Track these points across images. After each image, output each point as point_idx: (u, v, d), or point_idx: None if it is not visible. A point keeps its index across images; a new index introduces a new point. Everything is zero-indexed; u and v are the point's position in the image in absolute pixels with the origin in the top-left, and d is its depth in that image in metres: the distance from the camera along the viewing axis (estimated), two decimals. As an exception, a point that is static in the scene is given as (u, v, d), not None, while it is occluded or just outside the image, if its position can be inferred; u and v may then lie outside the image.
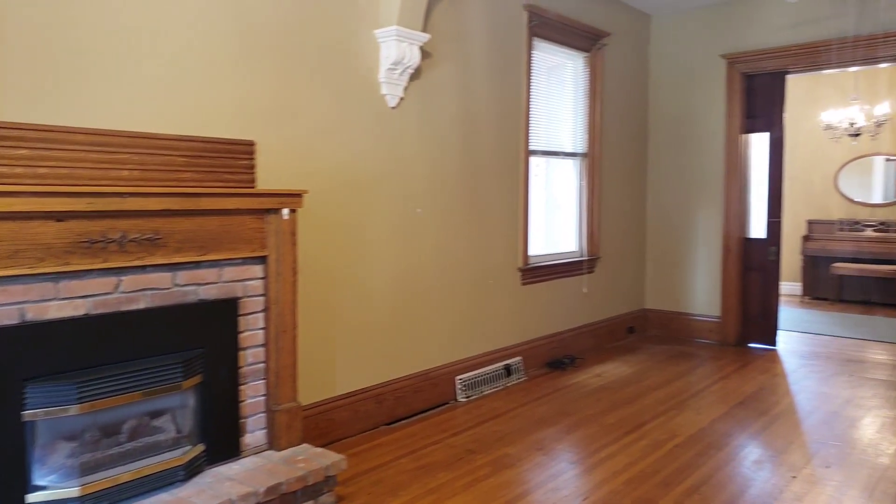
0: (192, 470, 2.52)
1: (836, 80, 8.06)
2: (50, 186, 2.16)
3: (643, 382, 4.69)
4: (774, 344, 5.78)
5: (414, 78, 3.85)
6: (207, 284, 2.60)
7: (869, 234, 8.03)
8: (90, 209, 2.20)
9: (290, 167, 3.23)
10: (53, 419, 2.19)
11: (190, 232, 2.51)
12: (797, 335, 6.27)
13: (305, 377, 3.24)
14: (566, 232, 5.52)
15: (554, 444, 3.55)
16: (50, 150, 2.23)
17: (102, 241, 2.25)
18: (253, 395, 2.79)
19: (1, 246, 2.04)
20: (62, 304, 2.19)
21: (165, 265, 2.46)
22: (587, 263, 5.52)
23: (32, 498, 2.16)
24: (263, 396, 2.83)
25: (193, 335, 2.57)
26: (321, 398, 3.45)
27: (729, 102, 5.77)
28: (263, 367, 2.82)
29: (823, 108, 8.17)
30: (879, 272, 7.73)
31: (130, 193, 2.29)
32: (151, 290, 2.43)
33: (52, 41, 2.43)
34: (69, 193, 2.15)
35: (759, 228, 5.86)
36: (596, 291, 5.67)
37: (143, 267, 2.40)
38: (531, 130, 4.85)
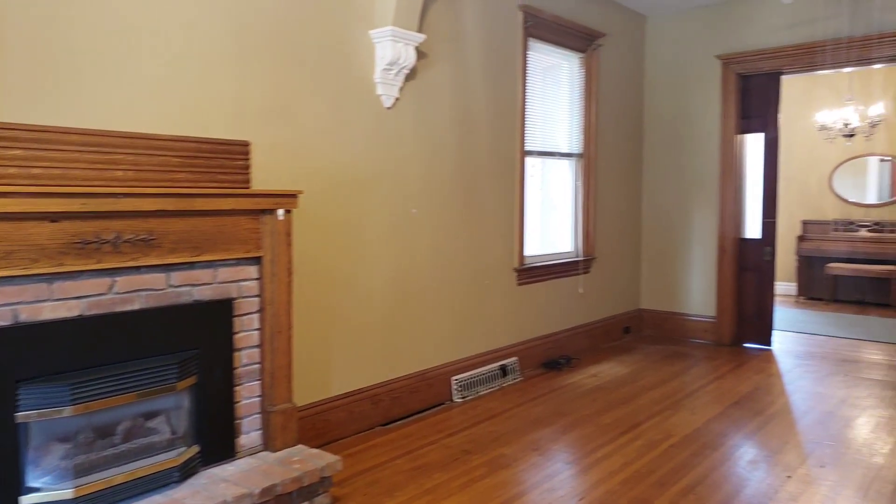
0: (186, 471, 2.51)
1: (830, 80, 8.08)
2: (44, 187, 2.16)
3: (639, 382, 4.70)
4: (769, 344, 5.79)
5: (409, 78, 3.85)
6: (202, 285, 2.60)
7: (863, 234, 8.06)
8: (84, 210, 2.19)
9: (285, 168, 3.23)
10: (47, 420, 2.18)
11: (184, 232, 2.50)
12: (792, 335, 6.29)
13: (301, 378, 3.24)
14: (562, 232, 5.52)
15: (550, 444, 3.55)
16: (44, 150, 2.23)
17: (96, 241, 2.25)
18: (248, 396, 2.78)
19: (-6, 247, 2.04)
20: (56, 304, 2.18)
21: (160, 266, 2.46)
22: (583, 264, 5.52)
23: (26, 500, 2.15)
24: (258, 397, 2.82)
25: (188, 336, 2.57)
26: (317, 399, 3.45)
27: (724, 103, 5.78)
28: (258, 367, 2.82)
29: (818, 108, 8.19)
30: (873, 272, 7.76)
31: (125, 194, 2.28)
32: (146, 290, 2.43)
33: (46, 41, 2.42)
34: (63, 194, 2.14)
35: (754, 229, 5.88)
36: (592, 292, 5.67)
37: (137, 268, 2.39)
38: (527, 131, 4.86)
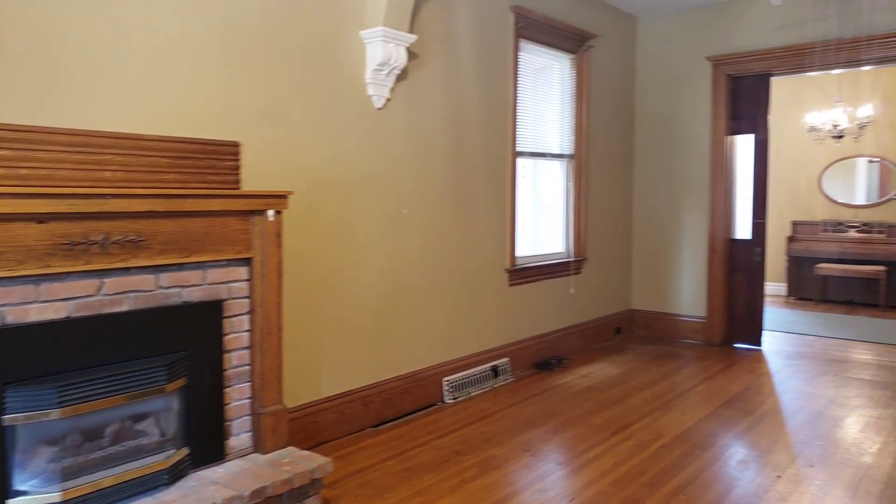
0: (176, 474, 2.50)
1: (819, 82, 8.14)
2: (31, 188, 2.13)
3: (630, 383, 4.71)
4: (759, 344, 5.82)
5: (400, 79, 3.84)
6: (191, 286, 2.58)
7: (852, 234, 8.11)
8: (72, 210, 2.17)
9: (275, 168, 3.21)
10: (34, 423, 2.16)
11: (173, 233, 2.49)
12: (782, 335, 6.32)
13: (291, 379, 3.23)
14: (553, 233, 5.53)
15: (541, 444, 3.55)
16: (31, 150, 2.21)
17: (84, 242, 2.23)
18: (238, 397, 2.77)
19: (-20, 248, 2.02)
20: (43, 306, 2.16)
21: (149, 267, 2.44)
22: (574, 264, 5.53)
23: (13, 503, 2.13)
24: (248, 399, 2.81)
25: (177, 338, 2.55)
26: (307, 400, 3.43)
27: (714, 104, 5.81)
28: (248, 369, 2.80)
29: (807, 110, 8.24)
30: (862, 272, 7.82)
31: (113, 195, 2.27)
32: (134, 292, 2.41)
33: (33, 42, 2.40)
34: (50, 195, 2.12)
35: (744, 229, 5.91)
36: (583, 292, 5.68)
37: (126, 269, 2.37)
38: (518, 132, 4.86)
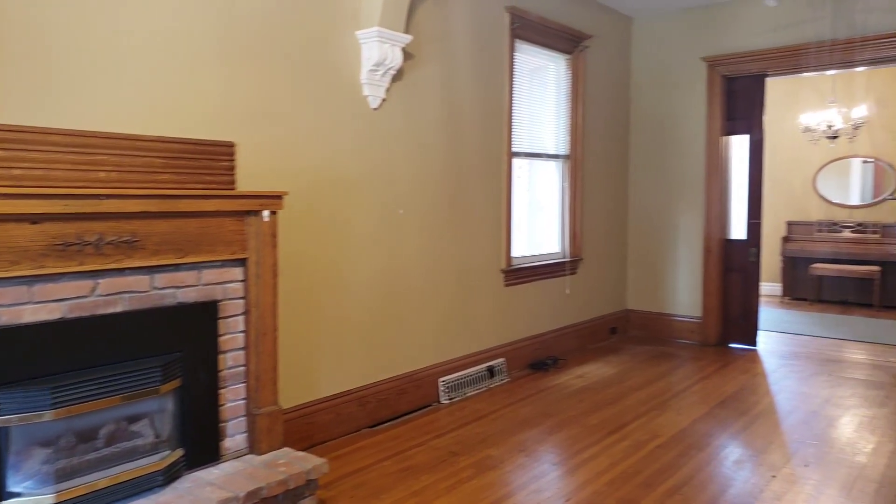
0: (171, 475, 2.49)
1: (814, 83, 8.16)
2: (25, 188, 2.13)
3: (625, 383, 4.71)
4: (755, 344, 5.83)
5: (396, 79, 3.84)
6: (186, 287, 2.58)
7: (847, 234, 8.14)
8: (66, 211, 2.16)
9: (270, 169, 3.21)
10: (28, 425, 2.15)
11: (168, 234, 2.48)
12: (777, 335, 6.34)
13: (287, 380, 3.22)
14: (549, 233, 5.53)
15: (537, 445, 3.55)
16: (25, 150, 2.19)
17: (78, 243, 2.22)
18: (233, 398, 2.76)
19: (-27, 249, 2.01)
20: (37, 307, 2.15)
21: (143, 268, 2.43)
22: (570, 265, 5.54)
23: (7, 505, 2.13)
24: (244, 400, 2.80)
25: (172, 339, 2.54)
26: (303, 401, 3.43)
27: (709, 105, 5.82)
28: (244, 370, 2.80)
29: (802, 110, 8.27)
30: (856, 272, 7.84)
31: (107, 195, 2.26)
32: (129, 293, 2.40)
33: (28, 41, 2.39)
34: (44, 195, 2.11)
35: (739, 230, 5.92)
36: (578, 292, 5.69)
37: (120, 270, 2.36)
38: (514, 132, 4.86)
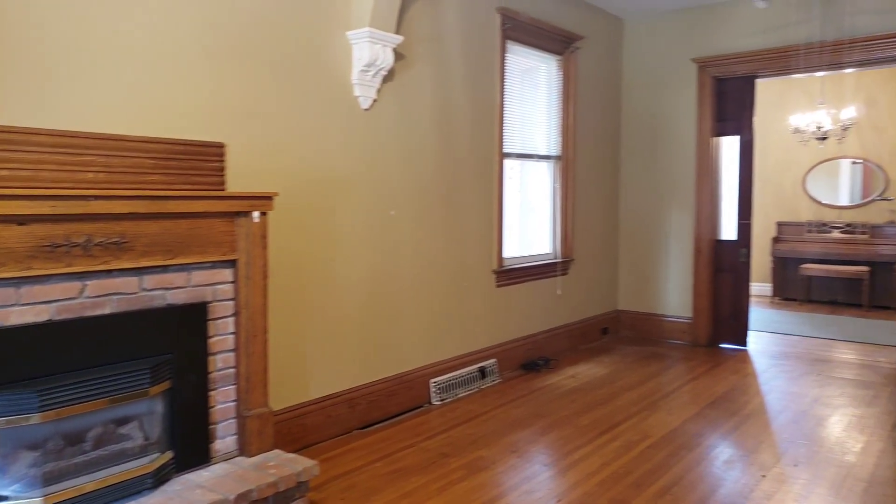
0: (160, 478, 2.47)
1: (804, 84, 8.21)
2: (11, 189, 2.11)
3: (616, 383, 4.72)
4: (745, 344, 5.86)
5: (387, 80, 3.83)
6: (176, 289, 2.56)
7: (836, 235, 8.19)
8: (53, 212, 2.15)
9: (261, 169, 3.19)
10: (15, 428, 2.13)
11: (157, 235, 2.46)
12: (767, 335, 6.37)
13: (277, 382, 3.21)
14: (540, 234, 5.54)
15: (528, 446, 3.56)
16: (11, 151, 2.18)
17: (66, 244, 2.20)
18: (223, 400, 2.75)
19: (-41, 250, 1.99)
20: (24, 309, 2.13)
21: (132, 269, 2.41)
22: (561, 265, 5.54)
23: (-7, 509, 2.11)
24: (234, 402, 2.78)
25: (161, 340, 2.52)
26: (293, 403, 3.41)
27: (700, 106, 5.84)
28: (234, 372, 2.78)
29: (792, 111, 8.32)
30: (845, 273, 7.89)
31: (95, 196, 2.24)
32: (117, 294, 2.38)
33: (15, 41, 2.37)
34: (31, 196, 2.09)
35: (729, 230, 5.94)
36: (570, 293, 5.70)
37: (108, 271, 2.34)
38: (505, 133, 4.86)
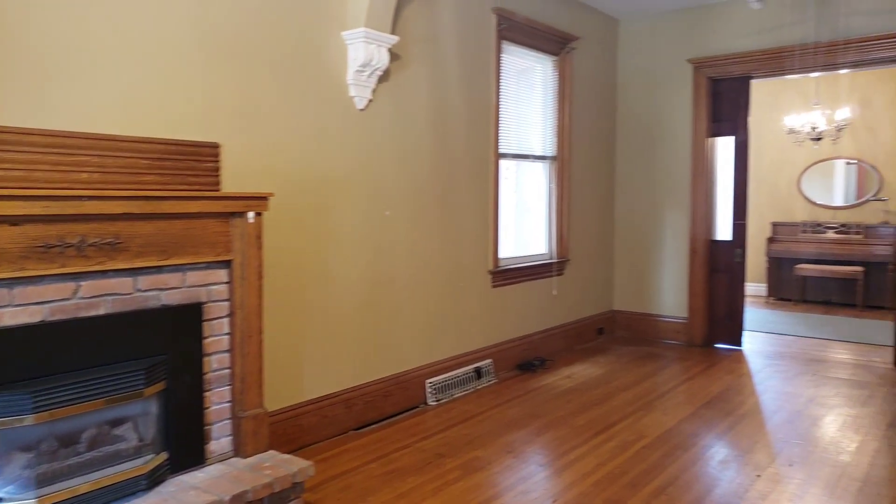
0: (154, 479, 2.47)
1: (798, 85, 8.23)
2: (4, 189, 2.10)
3: (612, 383, 4.73)
4: (740, 344, 5.87)
5: (382, 80, 3.83)
6: (170, 289, 2.55)
7: (830, 235, 8.21)
8: (47, 213, 2.14)
9: (256, 169, 3.19)
10: (8, 429, 2.12)
11: (152, 236, 2.46)
12: (762, 335, 6.38)
13: (272, 383, 3.20)
14: (536, 234, 5.54)
15: (524, 446, 3.55)
16: (5, 151, 2.17)
17: (60, 245, 2.19)
18: (218, 401, 2.74)
19: (-48, 251, 1.98)
20: (17, 310, 2.12)
21: (126, 270, 2.40)
22: (557, 266, 5.55)
23: (-14, 511, 2.10)
24: (229, 403, 2.78)
25: (156, 341, 2.52)
26: (289, 404, 3.41)
27: (695, 106, 5.85)
28: (229, 372, 2.78)
29: (787, 112, 8.33)
30: (840, 273, 7.92)
31: (89, 197, 2.23)
32: (112, 295, 2.37)
33: (8, 41, 2.36)
34: (24, 196, 2.09)
35: (724, 230, 5.96)
36: (565, 293, 5.70)
37: (103, 272, 2.34)
38: (501, 133, 4.86)
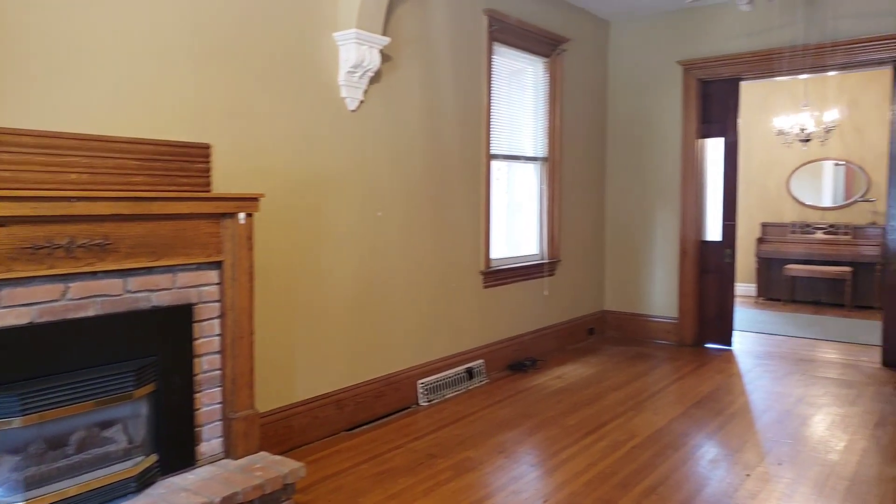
0: (144, 481, 2.45)
1: (787, 86, 8.29)
2: (-8, 190, 2.09)
3: (603, 383, 4.74)
4: (730, 344, 5.91)
5: (374, 81, 3.83)
6: (161, 290, 2.54)
7: (819, 236, 8.27)
8: (35, 214, 2.12)
9: (247, 170, 3.18)
10: (-4, 432, 2.11)
11: (142, 237, 2.45)
12: (752, 335, 6.42)
13: (263, 384, 3.19)
14: (527, 235, 5.56)
15: (515, 446, 3.56)
16: (-8, 152, 2.15)
17: (48, 246, 2.18)
18: (208, 402, 2.73)
19: (-61, 252, 1.96)
20: (4, 312, 2.11)
21: (116, 271, 2.39)
22: (548, 266, 5.56)
23: (-26, 514, 2.08)
24: (219, 404, 2.77)
25: (146, 343, 2.51)
26: (280, 405, 3.40)
27: (685, 108, 5.88)
28: (219, 374, 2.77)
29: (776, 113, 8.39)
30: (828, 273, 7.98)
31: (78, 197, 2.22)
32: (101, 296, 2.36)
33: (-5, 39, 2.35)
34: (12, 197, 2.07)
35: (714, 231, 5.99)
36: (556, 294, 5.71)
37: (92, 273, 2.32)
38: (492, 134, 4.87)
